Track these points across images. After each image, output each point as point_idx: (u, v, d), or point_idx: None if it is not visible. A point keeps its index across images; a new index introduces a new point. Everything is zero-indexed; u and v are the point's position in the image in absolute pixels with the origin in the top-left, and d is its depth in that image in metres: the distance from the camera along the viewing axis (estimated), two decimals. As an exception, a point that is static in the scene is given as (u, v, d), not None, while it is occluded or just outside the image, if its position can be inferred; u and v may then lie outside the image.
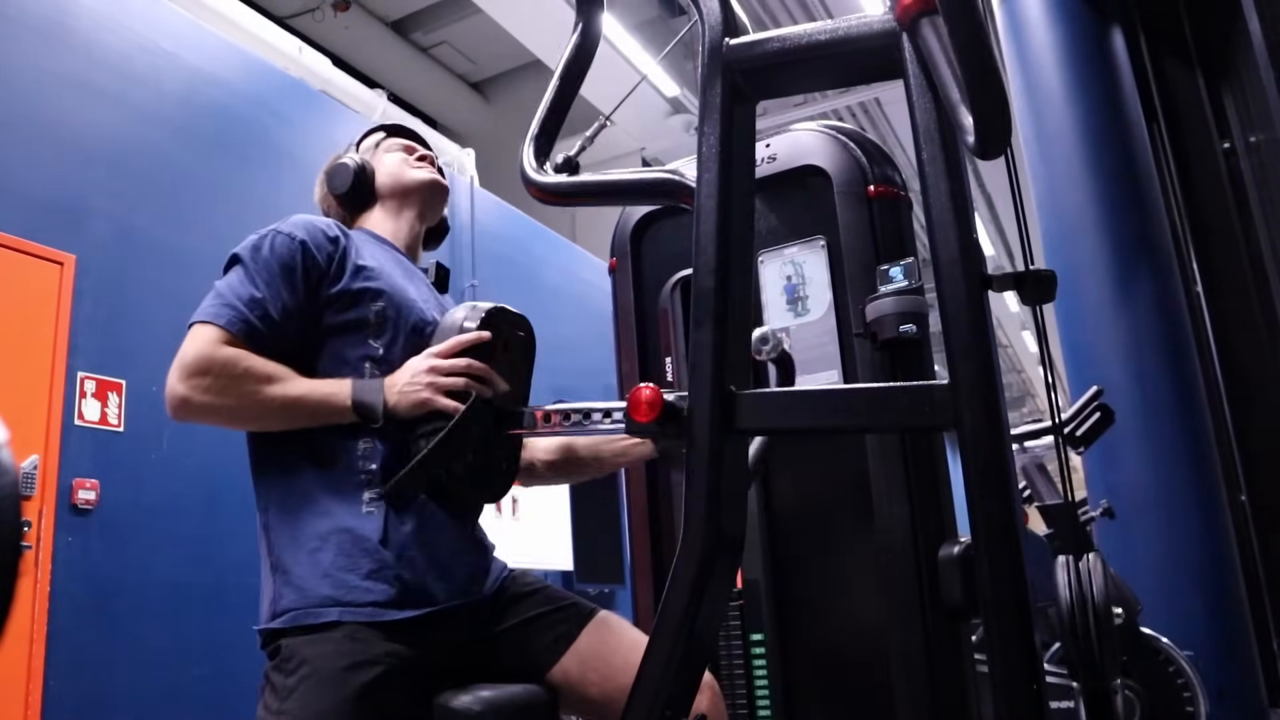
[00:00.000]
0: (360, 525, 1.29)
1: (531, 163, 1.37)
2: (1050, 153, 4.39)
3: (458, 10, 7.93)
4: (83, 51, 3.41)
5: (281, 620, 1.26)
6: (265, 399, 1.27)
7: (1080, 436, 3.13)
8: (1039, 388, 16.70)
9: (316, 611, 1.24)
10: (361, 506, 1.30)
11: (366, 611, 1.24)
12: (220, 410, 1.27)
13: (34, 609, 2.85)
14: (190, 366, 1.27)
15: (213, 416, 1.28)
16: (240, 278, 1.34)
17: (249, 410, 1.28)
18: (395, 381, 1.32)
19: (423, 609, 1.28)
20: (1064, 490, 3.16)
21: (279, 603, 1.27)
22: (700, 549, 1.04)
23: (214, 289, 1.35)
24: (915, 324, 1.46)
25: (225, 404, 1.27)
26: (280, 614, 1.26)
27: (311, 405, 1.29)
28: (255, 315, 1.31)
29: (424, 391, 1.30)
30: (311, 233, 1.39)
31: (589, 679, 1.37)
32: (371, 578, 1.26)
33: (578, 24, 1.42)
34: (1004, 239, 11.37)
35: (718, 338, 1.08)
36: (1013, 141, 0.94)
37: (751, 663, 1.74)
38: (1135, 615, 3.00)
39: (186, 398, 1.26)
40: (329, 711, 1.18)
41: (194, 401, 1.26)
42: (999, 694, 0.91)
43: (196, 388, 1.26)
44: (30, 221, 3.10)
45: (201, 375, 1.26)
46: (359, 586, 1.25)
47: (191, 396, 1.26)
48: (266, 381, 1.28)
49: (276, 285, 1.34)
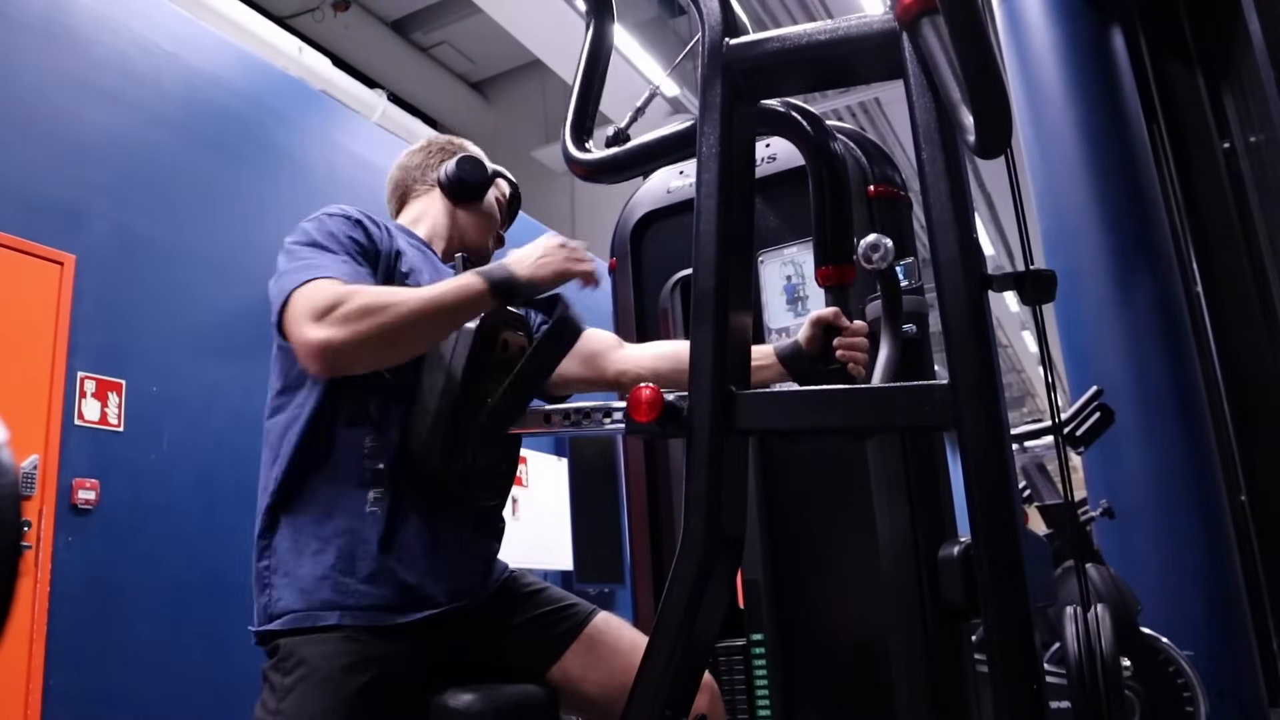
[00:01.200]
0: (362, 527, 1.28)
1: (572, 144, 1.38)
2: (1050, 153, 4.39)
3: (458, 10, 7.93)
4: (83, 51, 3.41)
5: (280, 622, 1.25)
6: (403, 313, 1.22)
7: (1080, 436, 3.14)
8: (1039, 388, 16.71)
9: (317, 614, 1.23)
10: (365, 506, 1.29)
11: (367, 615, 1.24)
12: (366, 341, 1.21)
13: (34, 609, 2.85)
14: (319, 309, 1.21)
15: (360, 351, 1.22)
16: (313, 250, 1.31)
17: (391, 329, 1.22)
18: (524, 258, 1.31)
19: (424, 611, 1.28)
20: (1064, 490, 3.16)
21: (277, 604, 1.26)
22: (700, 549, 1.04)
23: (290, 266, 1.29)
24: (915, 324, 1.46)
25: (368, 331, 1.20)
26: (278, 615, 1.26)
27: (450, 303, 1.25)
28: (346, 270, 1.28)
29: (563, 263, 1.31)
30: (362, 217, 1.39)
31: (588, 679, 1.37)
32: (372, 581, 1.26)
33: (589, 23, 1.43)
34: (1004, 239, 11.37)
35: (718, 338, 1.08)
36: (1013, 141, 0.94)
37: (751, 663, 1.74)
38: (1135, 615, 3.00)
39: (327, 340, 1.20)
40: (326, 712, 1.17)
41: (335, 341, 1.20)
42: (999, 694, 0.91)
43: (334, 327, 1.20)
44: (30, 221, 3.10)
45: (332, 315, 1.20)
46: (359, 590, 1.25)
47: (332, 337, 1.20)
48: (394, 298, 1.24)
49: (349, 249, 1.33)
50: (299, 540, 1.29)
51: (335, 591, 1.24)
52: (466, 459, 1.32)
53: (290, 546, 1.29)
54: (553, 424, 1.30)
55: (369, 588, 1.25)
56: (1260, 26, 3.25)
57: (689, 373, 1.11)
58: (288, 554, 1.29)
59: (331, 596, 1.24)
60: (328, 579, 1.25)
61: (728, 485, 1.06)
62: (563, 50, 7.14)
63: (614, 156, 1.35)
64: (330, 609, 1.24)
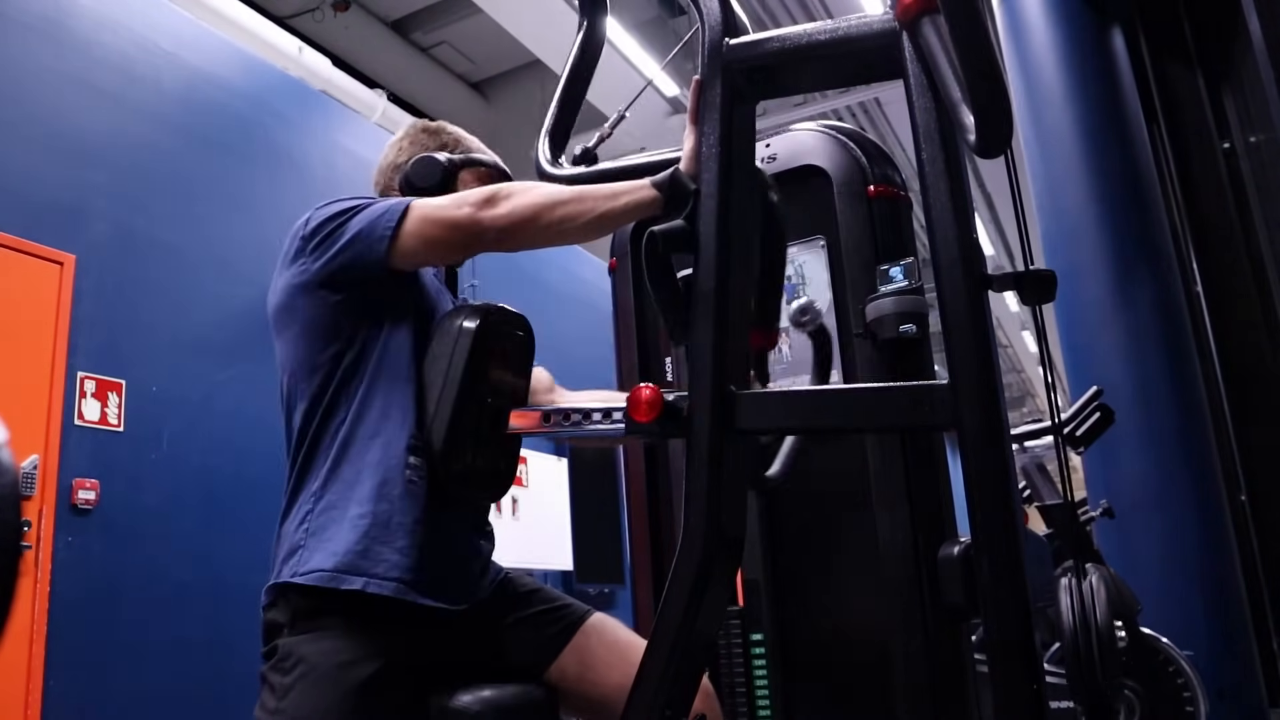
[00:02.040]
0: (401, 498, 1.28)
1: (546, 157, 1.38)
2: (1050, 153, 4.39)
3: (458, 10, 7.92)
4: (83, 51, 3.41)
5: (307, 578, 1.23)
6: (577, 211, 1.26)
7: (1080, 436, 3.13)
8: (1039, 388, 16.70)
9: (343, 577, 1.22)
10: (405, 478, 1.29)
11: (392, 586, 1.24)
12: (542, 228, 1.27)
13: (34, 609, 2.85)
14: (482, 197, 1.27)
15: (530, 237, 1.28)
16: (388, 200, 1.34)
17: (566, 225, 1.27)
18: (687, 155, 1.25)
19: (437, 601, 1.28)
20: (1064, 490, 3.16)
21: (307, 562, 1.25)
22: (700, 549, 1.04)
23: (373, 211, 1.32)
24: (915, 324, 1.46)
25: (546, 221, 1.26)
26: (307, 572, 1.24)
27: (620, 214, 1.27)
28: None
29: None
30: None
31: (586, 679, 1.37)
32: (402, 553, 1.26)
33: (582, 22, 1.43)
34: (1004, 239, 11.37)
35: (718, 338, 1.08)
36: (1013, 141, 0.94)
37: (751, 663, 1.74)
38: (1135, 615, 3.00)
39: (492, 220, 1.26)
40: (327, 709, 1.18)
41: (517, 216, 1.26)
42: (999, 694, 0.91)
43: (496, 209, 1.26)
44: (30, 221, 3.10)
45: (492, 199, 1.26)
46: (389, 560, 1.24)
47: (514, 212, 1.26)
48: (554, 188, 1.28)
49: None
50: (341, 506, 1.28)
51: (366, 558, 1.24)
52: (466, 459, 1.32)
53: (331, 511, 1.28)
54: (552, 424, 1.30)
55: (399, 557, 1.25)
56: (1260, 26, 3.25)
57: (689, 373, 1.11)
58: (328, 518, 1.27)
59: (361, 562, 1.23)
60: (361, 544, 1.24)
61: (728, 485, 1.06)
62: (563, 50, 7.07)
63: (585, 175, 1.35)
64: (358, 574, 1.23)
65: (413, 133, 1.60)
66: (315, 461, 1.32)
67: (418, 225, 1.30)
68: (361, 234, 1.31)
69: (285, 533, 1.31)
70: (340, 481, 1.30)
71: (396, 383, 1.33)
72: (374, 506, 1.27)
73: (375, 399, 1.32)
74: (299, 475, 1.33)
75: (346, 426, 1.32)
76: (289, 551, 1.28)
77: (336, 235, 1.33)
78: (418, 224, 1.30)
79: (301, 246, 1.35)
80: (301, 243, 1.35)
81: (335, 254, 1.32)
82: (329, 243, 1.33)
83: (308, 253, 1.34)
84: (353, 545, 1.24)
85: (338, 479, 1.30)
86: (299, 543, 1.28)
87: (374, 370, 1.33)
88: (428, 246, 1.31)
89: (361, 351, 1.34)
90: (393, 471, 1.29)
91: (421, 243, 1.31)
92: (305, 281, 1.34)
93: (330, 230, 1.33)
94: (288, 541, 1.30)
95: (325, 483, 1.30)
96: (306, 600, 1.24)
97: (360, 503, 1.27)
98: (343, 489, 1.29)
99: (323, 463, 1.31)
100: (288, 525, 1.31)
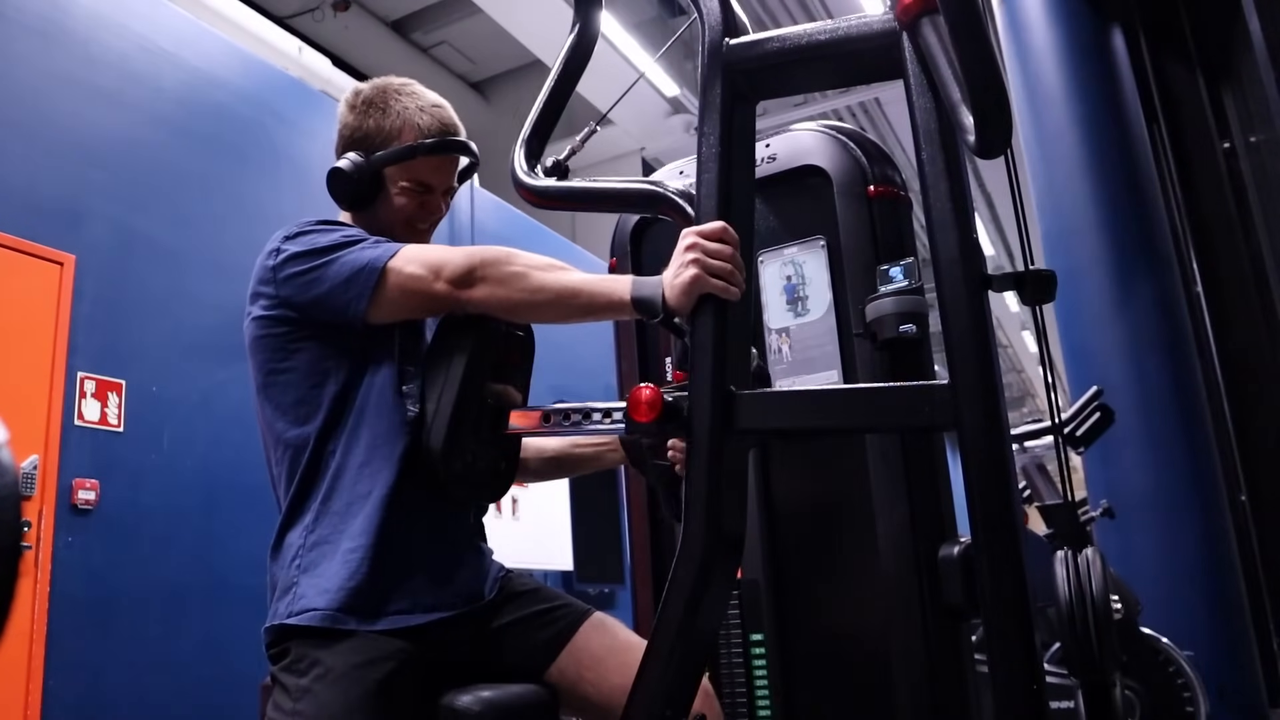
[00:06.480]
0: (389, 529, 1.28)
1: (522, 164, 1.37)
2: (1050, 153, 4.39)
3: (458, 10, 7.92)
4: (82, 51, 3.41)
5: (301, 619, 1.24)
6: (552, 293, 1.26)
7: (1080, 436, 3.14)
8: (1039, 388, 16.70)
9: (338, 616, 1.23)
10: (392, 508, 1.29)
11: (387, 621, 1.25)
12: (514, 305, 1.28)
13: (34, 609, 2.85)
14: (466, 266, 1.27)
15: (499, 310, 1.30)
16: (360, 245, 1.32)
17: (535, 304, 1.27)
18: (670, 277, 1.19)
19: (438, 614, 1.30)
20: (1064, 490, 3.16)
21: (299, 602, 1.26)
22: (700, 549, 1.04)
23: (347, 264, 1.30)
24: (915, 324, 1.46)
25: (518, 298, 1.27)
26: (301, 612, 1.25)
27: (588, 296, 1.26)
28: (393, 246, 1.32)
29: (694, 282, 1.14)
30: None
31: (585, 679, 1.37)
32: (394, 586, 1.27)
33: (575, 24, 1.42)
34: (1004, 239, 11.37)
35: (718, 338, 1.08)
36: (1013, 141, 0.94)
37: (751, 663, 1.74)
38: (1135, 615, 3.00)
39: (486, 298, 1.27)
40: (347, 707, 1.18)
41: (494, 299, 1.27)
42: (999, 694, 0.91)
43: (488, 286, 1.27)
44: (30, 221, 3.10)
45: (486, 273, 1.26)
46: (381, 595, 1.26)
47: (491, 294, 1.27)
48: (539, 267, 1.27)
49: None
50: (333, 540, 1.28)
51: (358, 596, 1.24)
52: (466, 459, 1.32)
53: (324, 547, 1.28)
54: (552, 424, 1.30)
55: (391, 592, 1.27)
56: (1260, 26, 3.26)
57: (690, 373, 1.11)
58: (319, 554, 1.28)
59: (354, 601, 1.24)
60: (353, 582, 1.25)
61: (728, 485, 1.06)
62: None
63: (559, 189, 1.35)
64: (351, 614, 1.24)
65: (342, 110, 1.50)
66: (306, 495, 1.32)
67: (395, 293, 1.29)
68: (336, 292, 1.29)
69: (278, 567, 1.32)
70: (331, 515, 1.30)
71: (384, 409, 1.32)
72: (365, 540, 1.27)
73: (363, 429, 1.32)
74: (290, 508, 1.33)
75: (337, 458, 1.31)
76: (283, 589, 1.29)
77: (310, 284, 1.31)
78: (395, 292, 1.29)
79: (270, 277, 1.33)
80: (270, 273, 1.34)
81: (309, 304, 1.31)
82: (302, 289, 1.31)
83: (279, 283, 1.32)
84: (344, 582, 1.25)
85: (329, 512, 1.30)
86: (292, 580, 1.28)
87: (361, 400, 1.33)
88: (406, 310, 1.33)
89: (346, 384, 1.33)
90: (384, 500, 1.29)
91: (398, 308, 1.31)
92: (280, 315, 1.33)
93: (302, 272, 1.31)
94: (281, 579, 1.30)
95: (317, 516, 1.31)
96: (305, 640, 1.25)
97: (352, 536, 1.28)
98: (334, 521, 1.29)
99: (314, 496, 1.32)
100: (280, 560, 1.32)
